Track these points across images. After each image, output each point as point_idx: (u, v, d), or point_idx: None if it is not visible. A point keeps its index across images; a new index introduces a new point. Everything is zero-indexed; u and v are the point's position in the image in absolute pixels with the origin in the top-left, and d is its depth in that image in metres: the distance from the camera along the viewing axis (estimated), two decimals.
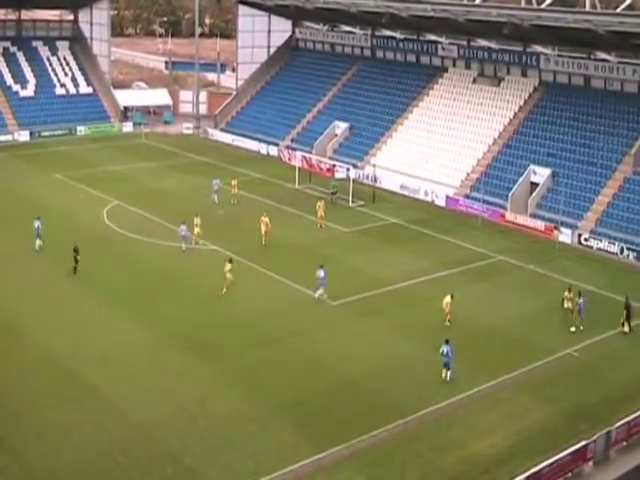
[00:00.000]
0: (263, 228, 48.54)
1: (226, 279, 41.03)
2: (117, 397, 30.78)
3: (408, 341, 36.19)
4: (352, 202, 58.80)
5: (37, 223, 46.59)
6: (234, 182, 57.82)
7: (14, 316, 37.82)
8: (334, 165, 64.33)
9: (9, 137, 78.49)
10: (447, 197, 60.17)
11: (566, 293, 39.61)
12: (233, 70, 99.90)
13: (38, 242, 46.58)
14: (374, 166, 64.93)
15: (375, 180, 63.36)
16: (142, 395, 31.04)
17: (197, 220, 48.08)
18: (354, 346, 35.83)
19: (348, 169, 62.88)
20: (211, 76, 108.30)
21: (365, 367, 33.77)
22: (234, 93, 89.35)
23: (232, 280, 41.02)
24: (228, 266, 41.05)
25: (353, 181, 60.45)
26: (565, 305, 39.49)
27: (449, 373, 32.56)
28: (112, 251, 45.90)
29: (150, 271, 44.32)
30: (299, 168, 64.26)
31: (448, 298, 37.79)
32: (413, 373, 33.35)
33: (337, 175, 63.32)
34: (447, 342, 32.60)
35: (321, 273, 40.60)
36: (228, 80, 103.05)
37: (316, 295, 40.75)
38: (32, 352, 34.28)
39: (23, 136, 79.11)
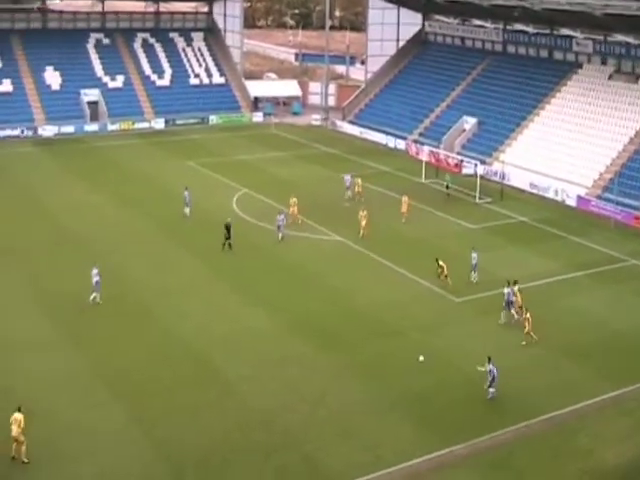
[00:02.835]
0: (363, 222, 48.35)
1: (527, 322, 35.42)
2: (240, 382, 31.52)
3: (531, 343, 35.38)
4: (479, 199, 58.02)
5: (186, 193, 51.45)
6: (359, 181, 57.55)
7: (144, 296, 39.35)
8: (462, 160, 63.60)
9: (146, 124, 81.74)
10: (578, 197, 58.45)
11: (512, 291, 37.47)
12: (362, 63, 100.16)
13: (187, 210, 51.33)
14: (503, 163, 63.81)
15: (503, 177, 62.22)
16: (264, 381, 31.61)
17: (293, 200, 50.34)
18: (476, 343, 35.15)
19: (476, 165, 61.97)
20: (340, 68, 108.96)
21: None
22: (363, 86, 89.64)
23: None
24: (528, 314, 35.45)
25: (481, 177, 59.59)
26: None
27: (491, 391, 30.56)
28: (238, 237, 46.84)
29: (273, 258, 45.09)
30: (426, 162, 63.86)
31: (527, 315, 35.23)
32: (536, 375, 32.62)
33: (464, 171, 62.62)
34: (489, 360, 30.47)
35: (474, 254, 41.93)
36: (357, 73, 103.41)
37: (472, 279, 41.77)
38: (160, 332, 35.58)
39: (159, 124, 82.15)
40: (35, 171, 63.95)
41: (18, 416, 25.94)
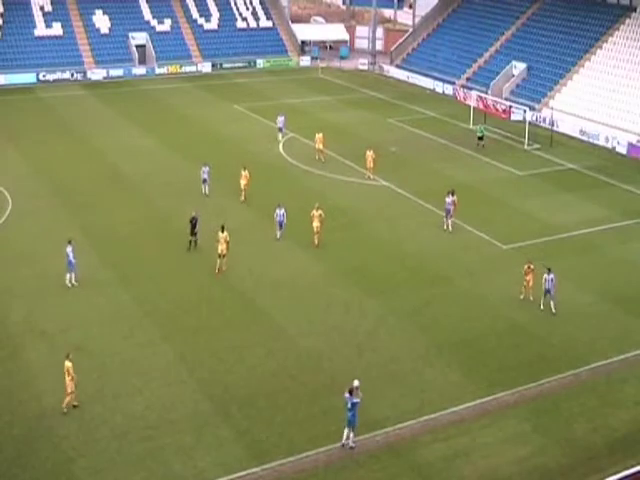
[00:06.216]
0: (315, 223, 40.42)
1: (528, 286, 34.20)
2: (287, 324, 31.83)
3: (580, 291, 35.12)
4: (528, 145, 57.20)
5: (204, 169, 45.13)
6: (318, 136, 52.48)
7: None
8: (510, 106, 62.57)
9: (193, 68, 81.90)
10: (629, 144, 57.26)
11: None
12: (410, 6, 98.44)
13: (206, 188, 45.27)
14: (552, 109, 62.70)
15: (553, 123, 61.18)
16: (311, 324, 31.93)
17: (319, 136, 51.09)
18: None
19: (524, 111, 60.99)
20: (388, 12, 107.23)
21: (534, 314, 33.12)
22: (410, 30, 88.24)
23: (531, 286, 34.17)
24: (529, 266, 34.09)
25: (529, 124, 58.66)
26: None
27: (552, 304, 32.99)
28: (286, 182, 46.84)
29: (320, 203, 44.86)
30: (474, 108, 63.01)
31: (526, 267, 33.86)
32: (585, 323, 32.42)
33: (513, 117, 61.67)
34: (550, 270, 32.87)
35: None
36: (405, 16, 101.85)
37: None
38: (208, 274, 35.93)
39: (206, 67, 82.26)
40: (85, 113, 64.55)
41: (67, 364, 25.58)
